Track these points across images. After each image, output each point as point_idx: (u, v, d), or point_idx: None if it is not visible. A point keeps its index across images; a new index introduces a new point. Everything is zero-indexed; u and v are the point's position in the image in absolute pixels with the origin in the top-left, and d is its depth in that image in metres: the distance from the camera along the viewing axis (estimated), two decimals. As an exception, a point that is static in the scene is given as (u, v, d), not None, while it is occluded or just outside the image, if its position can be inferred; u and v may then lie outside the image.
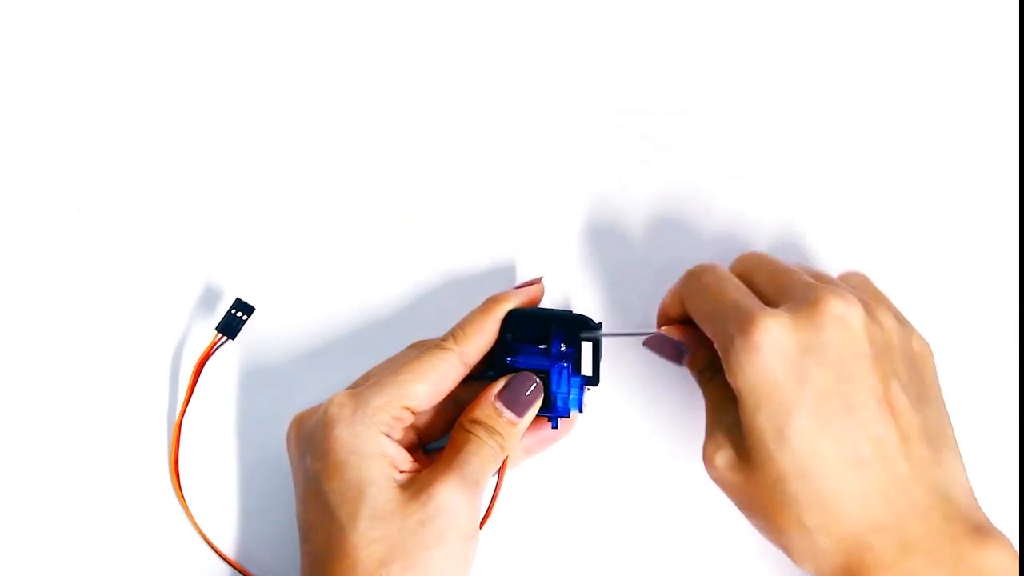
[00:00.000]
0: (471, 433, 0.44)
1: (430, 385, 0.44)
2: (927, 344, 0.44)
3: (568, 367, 0.47)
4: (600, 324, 0.48)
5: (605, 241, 0.52)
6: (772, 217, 0.52)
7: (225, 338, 0.47)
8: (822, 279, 0.45)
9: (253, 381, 0.51)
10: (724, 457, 0.42)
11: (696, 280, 0.45)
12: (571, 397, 0.46)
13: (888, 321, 0.42)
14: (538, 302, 0.48)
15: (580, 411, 0.47)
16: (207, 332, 0.51)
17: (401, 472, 0.43)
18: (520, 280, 0.52)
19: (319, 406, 0.46)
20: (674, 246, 0.52)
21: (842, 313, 0.40)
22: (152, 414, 0.51)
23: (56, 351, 0.52)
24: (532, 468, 0.50)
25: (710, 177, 0.53)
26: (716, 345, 0.42)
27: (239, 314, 0.47)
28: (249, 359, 0.52)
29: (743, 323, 0.40)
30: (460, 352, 0.45)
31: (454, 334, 0.46)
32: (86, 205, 0.53)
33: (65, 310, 0.52)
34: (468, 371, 0.46)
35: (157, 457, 0.51)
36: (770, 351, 0.40)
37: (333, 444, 0.43)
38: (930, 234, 0.52)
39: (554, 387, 0.46)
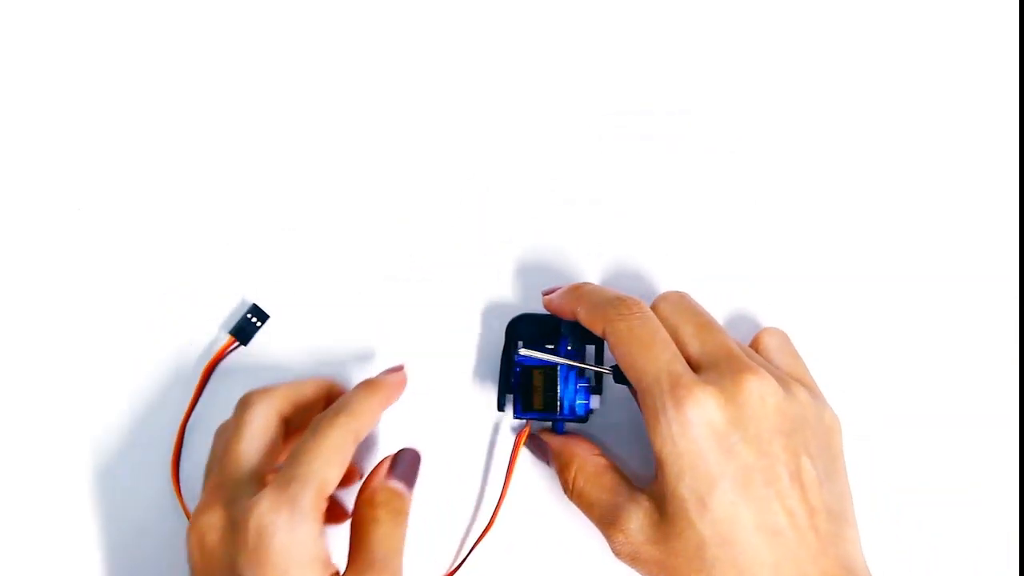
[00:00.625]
0: (376, 520, 0.45)
1: (339, 467, 0.44)
2: (837, 417, 0.46)
3: (576, 358, 0.47)
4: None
5: (604, 241, 0.53)
6: (773, 217, 0.53)
7: (237, 343, 0.47)
8: (743, 347, 0.47)
9: (251, 382, 0.51)
10: (638, 522, 0.43)
11: (625, 324, 0.44)
12: (577, 401, 0.47)
13: (802, 396, 0.44)
14: (403, 387, 0.49)
15: (585, 417, 0.47)
16: (208, 334, 0.51)
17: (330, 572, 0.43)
18: (514, 279, 0.52)
19: (229, 509, 0.43)
20: (674, 247, 0.52)
21: (761, 392, 0.42)
22: (155, 414, 0.52)
23: (57, 352, 0.52)
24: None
25: (710, 177, 0.53)
26: (641, 403, 0.43)
27: (254, 320, 0.47)
28: (250, 361, 0.52)
29: (676, 393, 0.42)
30: (355, 430, 0.44)
31: (345, 411, 0.45)
32: (86, 205, 0.53)
33: (65, 311, 0.52)
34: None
35: (161, 456, 0.51)
36: (700, 424, 0.41)
37: (273, 555, 0.41)
38: (930, 234, 0.53)
39: (561, 387, 0.47)
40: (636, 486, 0.45)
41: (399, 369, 0.49)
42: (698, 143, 0.53)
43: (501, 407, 0.48)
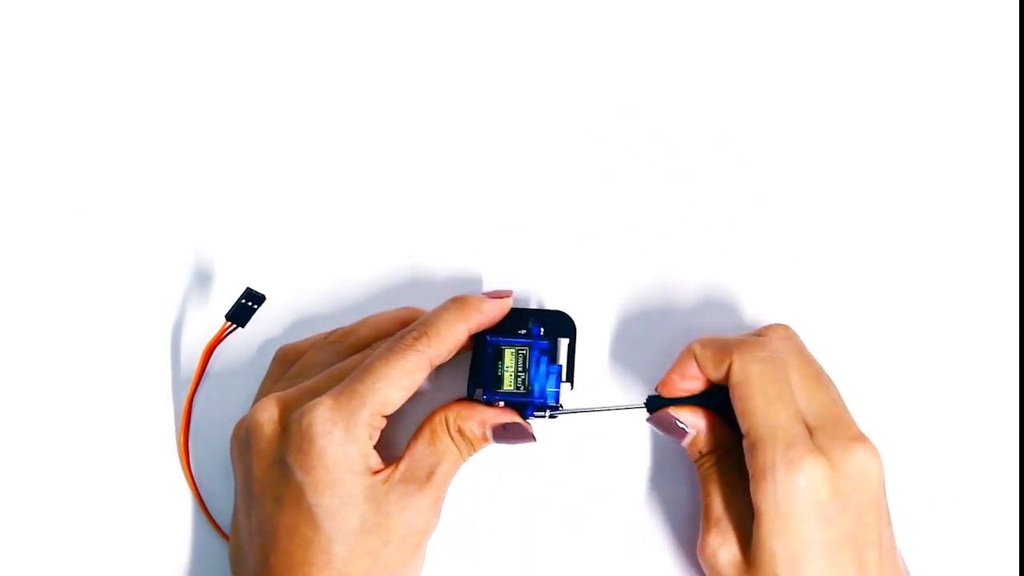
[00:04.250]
0: (453, 444, 0.46)
1: (404, 391, 0.45)
2: None
3: (548, 350, 0.47)
4: (575, 326, 0.48)
5: (603, 243, 0.52)
6: (774, 217, 0.53)
7: (234, 326, 0.47)
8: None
9: (253, 367, 0.52)
10: (728, 556, 0.44)
11: (760, 367, 0.44)
12: (548, 387, 0.47)
13: (881, 461, 0.44)
14: (504, 315, 0.48)
15: (557, 404, 0.47)
16: (213, 323, 0.51)
17: (375, 473, 0.45)
18: (513, 278, 0.52)
19: (286, 410, 0.45)
20: (675, 247, 0.52)
21: (868, 465, 0.43)
22: (159, 400, 0.52)
23: (60, 348, 0.52)
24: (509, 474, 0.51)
25: (712, 177, 0.53)
26: (748, 452, 0.43)
27: (249, 303, 0.47)
28: (251, 345, 0.52)
29: (789, 455, 0.42)
30: (431, 356, 0.45)
31: (427, 336, 0.46)
32: (86, 205, 0.53)
33: (66, 309, 0.52)
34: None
35: (164, 441, 0.51)
36: (806, 490, 0.42)
37: (326, 462, 0.43)
38: (930, 234, 0.52)
39: (532, 370, 0.46)
40: (739, 509, 0.45)
41: (505, 295, 0.48)
42: (699, 143, 0.53)
43: (471, 393, 0.47)
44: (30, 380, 0.52)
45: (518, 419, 0.46)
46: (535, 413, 0.47)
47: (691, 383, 0.46)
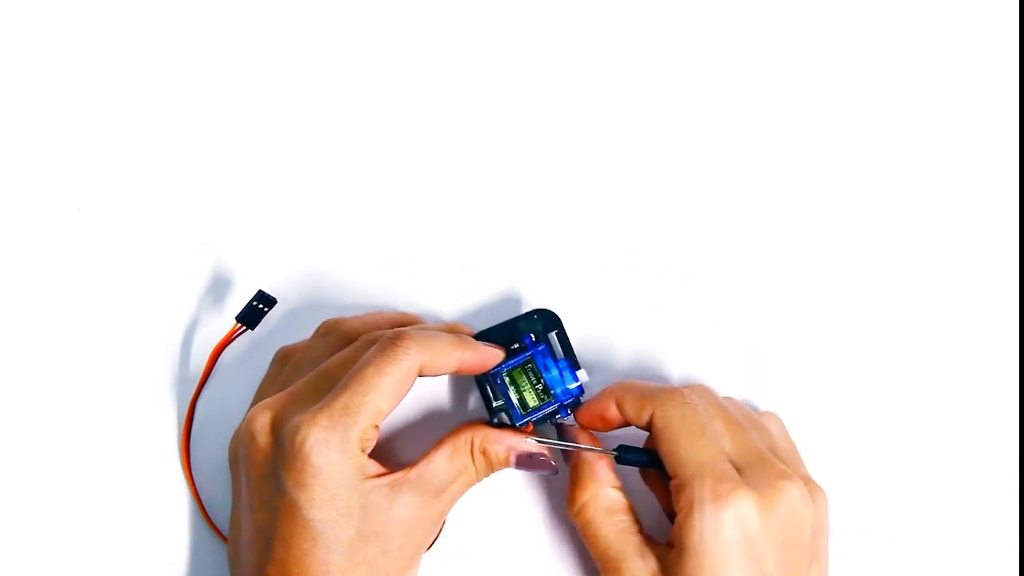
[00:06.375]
0: (472, 463, 0.46)
1: (395, 399, 0.45)
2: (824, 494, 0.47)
3: (548, 350, 0.47)
4: (557, 316, 0.48)
5: (603, 243, 0.53)
6: (774, 217, 0.53)
7: (244, 328, 0.47)
8: (759, 429, 0.48)
9: (254, 367, 0.52)
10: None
11: (678, 411, 0.45)
12: (568, 384, 0.47)
13: (820, 501, 0.45)
14: (492, 365, 0.48)
15: (582, 392, 0.47)
16: (216, 323, 0.51)
17: (375, 477, 0.44)
18: (511, 278, 0.53)
19: (280, 420, 0.45)
20: (674, 247, 0.53)
21: (796, 502, 0.43)
22: (161, 400, 0.51)
23: (60, 349, 0.52)
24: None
25: (712, 177, 0.53)
26: (676, 491, 0.43)
27: (260, 306, 0.47)
28: (252, 345, 0.52)
29: (717, 490, 0.42)
30: (423, 365, 0.45)
31: (419, 344, 0.45)
32: (86, 205, 0.53)
33: (66, 310, 0.52)
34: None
35: (165, 441, 0.51)
36: (734, 527, 0.42)
37: (323, 480, 0.43)
38: (930, 234, 0.53)
39: (546, 376, 0.47)
40: (646, 537, 0.45)
41: (500, 348, 0.48)
42: (698, 144, 0.53)
43: (495, 423, 0.47)
44: (31, 380, 0.51)
45: (544, 451, 0.46)
46: (569, 412, 0.47)
47: (609, 423, 0.47)
